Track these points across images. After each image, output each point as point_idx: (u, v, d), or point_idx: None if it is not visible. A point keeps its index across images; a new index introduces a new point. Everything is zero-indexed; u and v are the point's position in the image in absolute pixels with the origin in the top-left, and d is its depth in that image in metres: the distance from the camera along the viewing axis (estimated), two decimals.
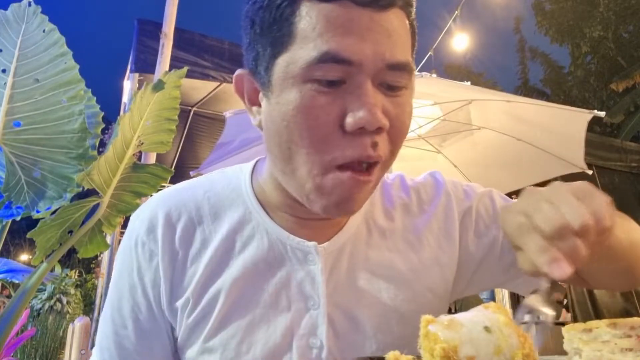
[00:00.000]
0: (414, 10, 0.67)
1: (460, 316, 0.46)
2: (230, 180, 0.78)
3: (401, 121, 0.65)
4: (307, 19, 0.61)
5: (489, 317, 0.45)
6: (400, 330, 0.73)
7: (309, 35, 0.60)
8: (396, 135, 0.65)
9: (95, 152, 1.77)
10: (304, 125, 0.61)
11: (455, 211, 0.81)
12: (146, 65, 4.02)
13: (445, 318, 0.45)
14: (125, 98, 4.68)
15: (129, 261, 0.74)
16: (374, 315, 0.72)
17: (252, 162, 0.80)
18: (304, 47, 0.61)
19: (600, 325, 0.66)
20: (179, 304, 0.72)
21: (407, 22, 0.66)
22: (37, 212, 1.68)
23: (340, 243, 0.74)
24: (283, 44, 0.62)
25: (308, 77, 0.61)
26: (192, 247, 0.73)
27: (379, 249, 0.76)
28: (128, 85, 4.30)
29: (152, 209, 0.76)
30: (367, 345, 0.71)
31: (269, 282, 0.71)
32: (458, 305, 4.61)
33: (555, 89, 14.91)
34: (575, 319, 5.25)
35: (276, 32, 0.63)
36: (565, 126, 3.71)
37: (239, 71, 0.72)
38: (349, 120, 0.60)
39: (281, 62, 0.63)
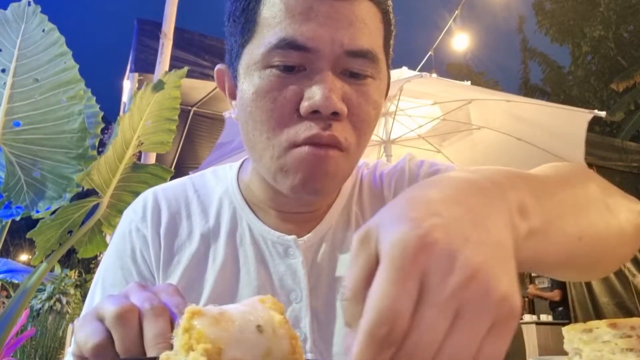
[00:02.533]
0: (387, 2, 0.68)
1: (233, 309, 0.40)
2: (219, 179, 0.81)
3: (364, 109, 0.65)
4: (269, 7, 0.63)
5: (263, 314, 0.40)
6: None
7: (271, 24, 0.62)
8: (358, 122, 0.65)
9: (95, 152, 1.76)
10: (262, 108, 0.63)
11: (405, 187, 0.79)
12: (146, 65, 4.01)
13: (215, 310, 0.39)
14: (125, 98, 4.68)
15: (123, 248, 0.75)
16: None
17: (240, 161, 0.82)
18: (265, 35, 0.62)
19: (601, 326, 0.65)
20: None
21: (377, 13, 0.66)
22: (37, 212, 1.68)
23: (320, 235, 0.75)
24: (249, 33, 0.65)
25: (267, 64, 0.62)
26: (177, 238, 0.75)
27: None
28: (128, 85, 4.29)
29: (144, 199, 0.78)
30: (350, 334, 0.72)
31: (252, 276, 0.73)
32: None
33: (555, 89, 14.90)
34: (575, 319, 5.25)
35: (244, 22, 0.66)
36: (566, 126, 3.71)
37: (219, 66, 0.74)
38: (304, 103, 0.61)
39: (247, 51, 0.65)
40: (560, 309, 5.71)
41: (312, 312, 0.71)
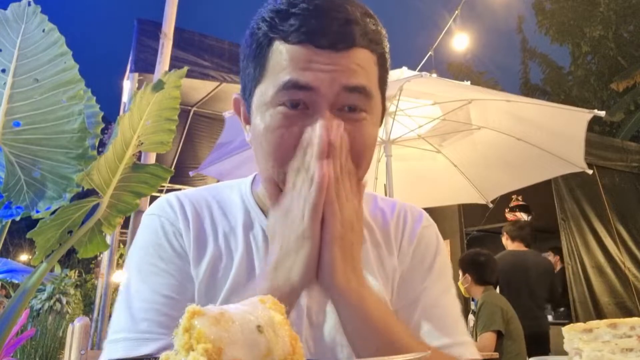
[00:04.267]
0: (382, 46, 0.78)
1: (233, 309, 0.40)
2: (232, 189, 0.93)
3: (360, 142, 0.75)
4: (277, 55, 0.74)
5: (263, 314, 0.41)
6: None
7: (278, 70, 0.74)
8: (356, 154, 0.75)
9: (95, 152, 1.76)
10: (271, 142, 0.74)
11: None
12: (146, 65, 4.01)
13: (215, 310, 0.39)
14: (125, 98, 4.68)
15: (157, 240, 0.83)
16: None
17: (252, 175, 0.95)
18: (273, 79, 0.74)
19: (601, 326, 0.65)
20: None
21: (372, 57, 0.76)
22: (37, 212, 1.68)
23: None
24: (260, 76, 0.77)
25: (276, 102, 0.74)
26: (204, 234, 0.85)
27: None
28: (128, 85, 4.29)
29: (167, 201, 0.88)
30: (338, 336, 0.80)
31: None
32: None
33: (555, 89, 14.88)
34: (576, 319, 5.24)
35: (255, 65, 0.77)
36: (566, 126, 3.71)
37: (236, 95, 0.87)
38: (305, 136, 0.72)
39: (258, 92, 0.77)
40: (562, 309, 5.69)
41: (307, 312, 0.81)
